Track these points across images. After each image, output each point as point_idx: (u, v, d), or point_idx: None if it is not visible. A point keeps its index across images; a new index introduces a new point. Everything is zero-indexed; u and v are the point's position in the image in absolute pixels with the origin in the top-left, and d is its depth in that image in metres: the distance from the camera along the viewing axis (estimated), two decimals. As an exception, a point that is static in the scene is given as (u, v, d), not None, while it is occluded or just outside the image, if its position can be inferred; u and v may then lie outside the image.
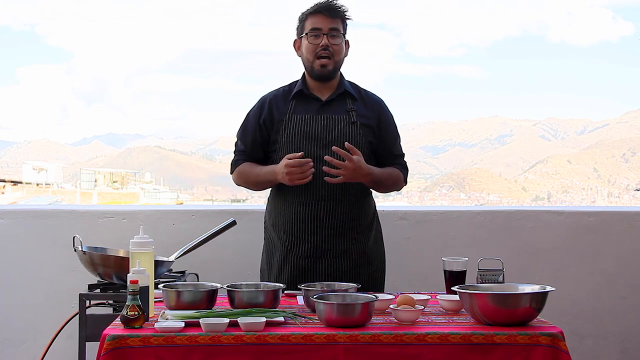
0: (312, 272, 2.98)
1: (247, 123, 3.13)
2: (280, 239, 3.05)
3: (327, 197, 2.96)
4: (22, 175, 55.62)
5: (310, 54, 3.01)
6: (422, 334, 2.16)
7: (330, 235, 2.98)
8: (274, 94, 3.11)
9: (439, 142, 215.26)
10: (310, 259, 3.00)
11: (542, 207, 4.67)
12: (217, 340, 2.13)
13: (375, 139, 3.07)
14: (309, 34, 3.01)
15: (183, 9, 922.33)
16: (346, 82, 3.11)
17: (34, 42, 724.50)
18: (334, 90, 3.07)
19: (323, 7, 3.01)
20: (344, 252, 3.00)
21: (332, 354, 2.12)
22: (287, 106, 3.06)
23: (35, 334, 3.71)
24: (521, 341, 2.15)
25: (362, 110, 3.07)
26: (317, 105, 3.05)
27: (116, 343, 2.11)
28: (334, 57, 3.00)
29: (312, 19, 3.02)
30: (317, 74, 3.03)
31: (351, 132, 3.00)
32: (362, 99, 3.11)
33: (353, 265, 3.02)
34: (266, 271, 3.13)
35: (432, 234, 3.89)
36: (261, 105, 3.10)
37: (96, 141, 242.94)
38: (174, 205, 6.07)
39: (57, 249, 3.69)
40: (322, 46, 2.99)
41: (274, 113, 3.05)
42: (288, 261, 3.02)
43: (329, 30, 2.99)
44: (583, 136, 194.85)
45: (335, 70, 3.05)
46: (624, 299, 3.94)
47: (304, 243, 3.00)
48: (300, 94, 3.07)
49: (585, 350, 3.87)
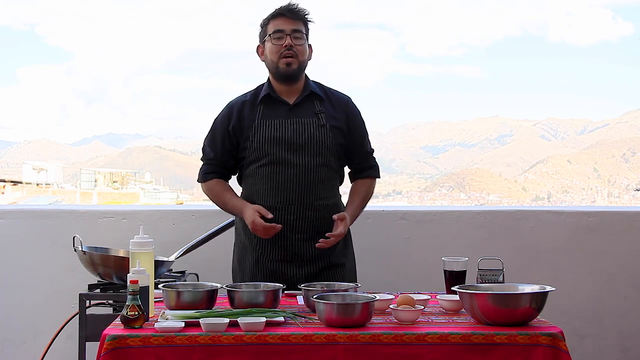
0: (284, 276, 2.97)
1: (216, 129, 3.10)
2: (252, 243, 3.04)
3: (297, 201, 2.95)
4: (22, 175, 55.61)
5: (274, 55, 3.00)
6: (422, 334, 2.16)
7: (301, 239, 2.98)
8: (241, 100, 3.09)
9: (439, 142, 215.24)
10: (281, 262, 2.99)
11: (542, 207, 4.67)
12: (217, 340, 2.13)
13: (345, 140, 3.06)
14: (272, 35, 3.00)
15: (183, 9, 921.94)
16: (312, 83, 3.09)
17: (34, 42, 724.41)
18: (300, 93, 3.05)
19: (284, 10, 3.02)
20: (316, 256, 3.00)
21: (332, 354, 2.13)
22: (255, 111, 3.03)
23: (35, 334, 3.71)
24: (521, 341, 2.15)
25: (331, 111, 3.06)
26: (285, 109, 3.03)
27: (116, 343, 2.11)
28: (298, 57, 2.99)
29: (275, 22, 3.02)
30: (282, 74, 3.00)
31: (321, 135, 2.99)
32: (329, 99, 3.09)
33: (324, 268, 3.01)
34: (239, 274, 3.11)
35: (432, 234, 3.89)
36: (229, 112, 3.08)
37: (96, 141, 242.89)
38: (174, 205, 6.07)
39: (57, 249, 3.69)
40: (285, 46, 2.98)
41: (242, 119, 3.03)
42: (260, 265, 3.02)
43: (291, 31, 2.99)
44: (583, 136, 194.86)
45: (300, 70, 3.03)
46: (624, 299, 3.94)
47: (275, 247, 2.99)
48: (267, 98, 3.05)
49: (585, 350, 3.87)
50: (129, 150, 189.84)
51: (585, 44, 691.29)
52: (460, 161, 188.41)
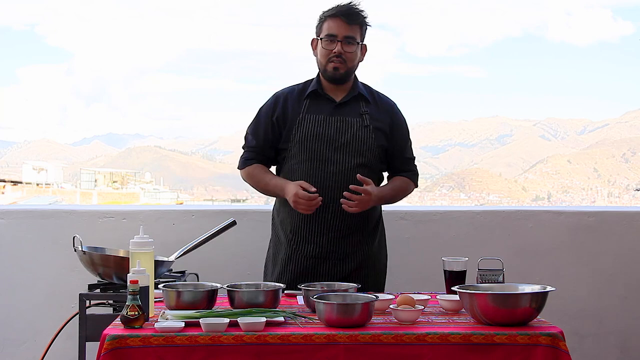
0: (315, 273, 2.98)
1: (260, 118, 3.10)
2: (287, 237, 3.05)
3: (335, 199, 2.95)
4: (22, 175, 55.63)
5: (323, 57, 3.01)
6: (422, 334, 2.16)
7: (336, 237, 2.98)
8: (288, 91, 3.09)
9: (439, 142, 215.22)
10: (314, 259, 3.00)
11: (542, 207, 4.67)
12: (217, 340, 2.13)
13: (387, 143, 3.06)
14: (324, 38, 2.99)
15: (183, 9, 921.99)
16: (360, 85, 3.10)
17: (34, 42, 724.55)
18: (347, 92, 3.06)
19: (342, 12, 2.98)
20: (349, 255, 3.01)
21: (332, 354, 2.13)
22: (300, 105, 3.04)
23: (35, 334, 3.71)
24: (521, 341, 2.15)
25: (375, 113, 3.06)
26: (330, 106, 3.03)
27: (116, 343, 2.11)
28: (346, 63, 2.98)
29: (330, 23, 2.99)
30: (329, 76, 3.02)
31: (364, 135, 2.99)
32: (375, 102, 3.10)
33: (356, 268, 3.02)
34: (270, 267, 3.13)
35: (432, 234, 3.89)
36: (275, 102, 3.08)
37: (96, 141, 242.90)
38: (174, 205, 6.07)
39: (57, 249, 3.69)
40: (335, 53, 2.97)
41: (287, 110, 3.04)
42: (292, 260, 3.02)
43: (343, 37, 2.97)
44: (583, 136, 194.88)
45: (348, 74, 3.03)
46: (624, 298, 3.94)
47: (310, 244, 3.00)
48: (314, 94, 3.05)
49: (585, 350, 3.87)
50: (129, 150, 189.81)
51: (585, 44, 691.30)
52: (460, 161, 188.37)
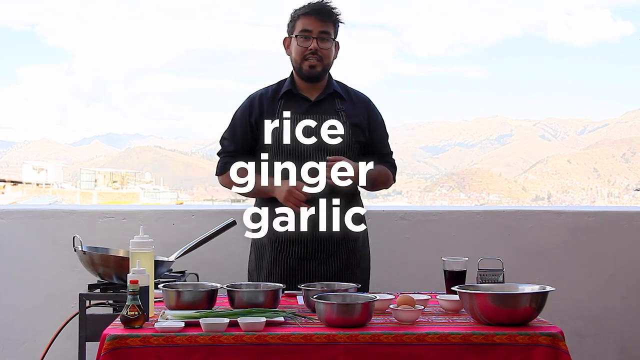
0: (302, 273, 2.97)
1: (236, 122, 3.09)
2: (270, 240, 3.03)
3: (316, 198, 2.94)
4: (22, 175, 55.64)
5: (298, 55, 2.99)
6: (422, 334, 2.16)
7: (321, 235, 2.97)
8: (262, 92, 3.09)
9: (439, 142, 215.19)
10: (300, 259, 2.99)
11: (542, 207, 4.67)
12: (217, 340, 2.13)
13: (365, 139, 3.06)
14: (299, 35, 2.98)
15: (183, 9, 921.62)
16: (334, 82, 3.09)
17: (34, 42, 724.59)
18: (322, 91, 3.05)
19: (315, 10, 2.98)
20: (334, 253, 3.00)
21: (332, 354, 2.13)
22: (275, 106, 3.03)
23: (35, 334, 3.71)
24: (521, 341, 2.15)
25: (351, 110, 3.06)
26: (306, 105, 3.03)
27: (116, 343, 2.11)
28: (322, 60, 2.98)
29: (303, 20, 2.99)
30: (305, 74, 3.01)
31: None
32: (350, 99, 3.09)
33: (342, 267, 3.01)
34: (255, 273, 3.11)
35: (432, 234, 3.89)
36: (250, 104, 3.07)
37: (96, 141, 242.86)
38: (174, 205, 6.07)
39: (57, 249, 3.69)
40: (310, 50, 2.97)
41: (263, 111, 3.02)
42: (278, 262, 3.01)
43: (318, 33, 2.97)
44: (583, 136, 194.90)
45: (324, 72, 3.03)
46: (624, 299, 3.94)
47: (294, 244, 2.99)
48: (288, 94, 3.04)
49: (585, 350, 3.87)
50: (129, 150, 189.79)
51: (584, 44, 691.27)
52: (460, 161, 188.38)
